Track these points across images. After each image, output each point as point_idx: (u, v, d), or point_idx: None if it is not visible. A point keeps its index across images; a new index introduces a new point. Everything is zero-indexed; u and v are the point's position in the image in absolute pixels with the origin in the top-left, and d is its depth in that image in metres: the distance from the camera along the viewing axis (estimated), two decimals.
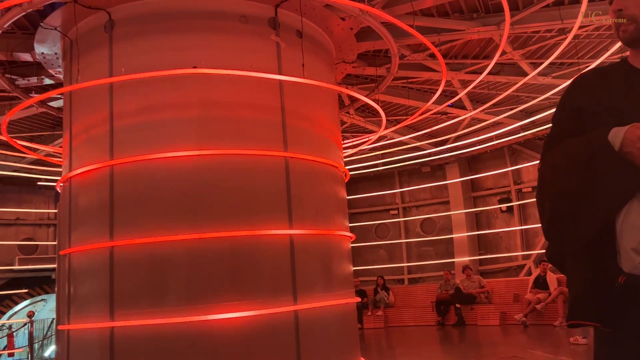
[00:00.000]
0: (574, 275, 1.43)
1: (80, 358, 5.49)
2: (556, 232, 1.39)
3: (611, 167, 1.26)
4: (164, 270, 5.16)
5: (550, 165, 1.41)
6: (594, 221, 1.31)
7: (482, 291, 11.61)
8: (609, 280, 1.30)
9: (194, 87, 5.43)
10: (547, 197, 1.39)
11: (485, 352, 8.36)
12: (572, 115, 1.47)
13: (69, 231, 5.76)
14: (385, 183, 14.65)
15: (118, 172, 5.37)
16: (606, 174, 1.27)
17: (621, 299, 1.29)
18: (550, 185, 1.39)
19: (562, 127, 1.50)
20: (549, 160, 1.42)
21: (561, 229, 1.37)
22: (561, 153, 1.39)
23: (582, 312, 1.38)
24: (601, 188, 1.28)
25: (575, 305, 1.41)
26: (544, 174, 1.43)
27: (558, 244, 1.44)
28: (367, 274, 13.79)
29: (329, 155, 6.19)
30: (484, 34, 7.26)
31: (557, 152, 1.40)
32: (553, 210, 1.37)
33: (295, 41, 5.98)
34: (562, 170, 1.36)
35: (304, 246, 5.56)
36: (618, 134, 1.27)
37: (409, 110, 10.19)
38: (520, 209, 12.76)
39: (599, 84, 1.47)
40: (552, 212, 1.37)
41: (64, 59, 6.35)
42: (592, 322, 1.36)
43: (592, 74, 1.55)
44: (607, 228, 1.31)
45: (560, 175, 1.36)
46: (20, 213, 13.24)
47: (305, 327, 5.35)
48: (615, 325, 1.32)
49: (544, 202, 1.40)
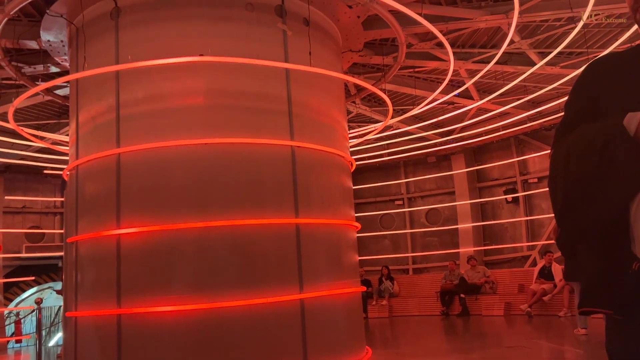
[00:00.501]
0: (586, 263, 1.41)
1: (87, 345, 5.54)
2: (569, 219, 1.38)
3: (626, 152, 1.24)
4: (171, 258, 5.17)
5: (563, 151, 1.38)
6: (608, 208, 1.30)
7: (487, 281, 11.61)
8: (622, 268, 1.29)
9: (200, 75, 5.42)
10: (560, 184, 1.37)
11: (490, 341, 8.38)
12: (585, 102, 1.46)
13: (75, 219, 5.78)
14: (390, 173, 14.62)
15: (125, 161, 5.37)
16: (621, 160, 1.25)
17: (634, 287, 1.27)
18: (563, 172, 1.37)
19: (575, 114, 1.48)
20: (563, 146, 1.40)
21: (574, 215, 1.35)
22: (575, 139, 1.36)
23: (594, 300, 1.37)
24: (615, 174, 1.27)
25: (587, 293, 1.40)
26: (556, 161, 1.41)
27: (570, 231, 1.42)
28: (372, 264, 13.81)
29: (335, 145, 6.18)
30: (492, 22, 7.19)
31: (571, 138, 1.38)
32: (566, 197, 1.35)
33: (302, 29, 5.95)
34: (575, 156, 1.34)
35: (310, 235, 5.57)
36: (633, 118, 1.25)
37: (415, 100, 10.14)
38: (525, 199, 12.71)
39: (613, 69, 1.45)
40: (565, 199, 1.35)
41: (70, 47, 6.34)
42: (604, 309, 1.35)
43: (607, 59, 1.53)
44: (621, 215, 1.29)
45: (574, 161, 1.34)
46: (26, 201, 13.30)
47: (311, 316, 5.36)
48: (627, 313, 1.30)
49: (557, 189, 1.38)
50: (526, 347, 7.19)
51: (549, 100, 10.36)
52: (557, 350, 7.05)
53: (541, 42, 8.31)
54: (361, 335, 6.30)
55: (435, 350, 7.80)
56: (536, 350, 7.07)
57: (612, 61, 1.50)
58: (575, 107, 1.50)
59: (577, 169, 1.33)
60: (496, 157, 13.17)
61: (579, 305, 1.43)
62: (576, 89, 1.52)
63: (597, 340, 7.04)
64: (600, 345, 5.06)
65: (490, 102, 10.09)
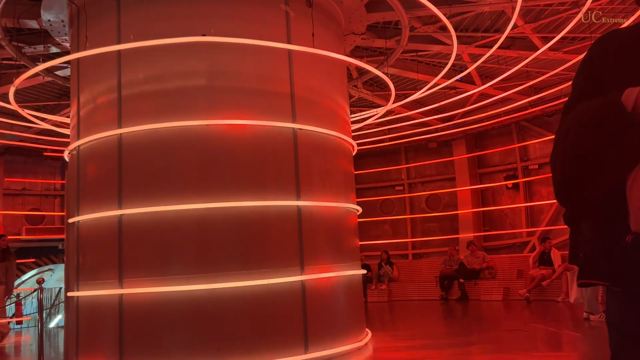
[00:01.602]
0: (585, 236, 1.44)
1: (89, 324, 5.58)
2: (567, 195, 1.40)
3: (623, 127, 1.26)
4: (172, 239, 5.19)
5: (563, 128, 1.40)
6: (604, 182, 1.32)
7: (486, 267, 11.67)
8: (618, 241, 1.32)
9: (202, 55, 5.39)
10: (559, 159, 1.39)
11: (488, 325, 8.44)
12: (590, 79, 1.46)
13: (77, 200, 5.79)
14: (390, 159, 14.61)
15: (126, 141, 5.36)
16: (618, 135, 1.27)
17: (630, 258, 1.30)
18: (562, 148, 1.38)
19: (580, 91, 1.48)
20: (563, 124, 1.41)
21: (571, 190, 1.38)
22: (574, 116, 1.38)
23: (592, 272, 1.40)
24: (612, 149, 1.28)
25: (586, 265, 1.42)
26: (557, 138, 1.43)
27: (568, 207, 1.45)
28: (372, 248, 13.85)
29: (337, 128, 6.16)
30: (496, 6, 7.14)
31: (571, 115, 1.40)
32: (564, 172, 1.37)
33: (305, 11, 5.90)
34: (573, 132, 1.35)
35: (311, 218, 5.58)
36: (631, 94, 1.26)
37: (417, 85, 10.10)
38: (526, 185, 12.72)
39: (617, 46, 1.45)
40: (563, 175, 1.37)
41: (71, 27, 6.29)
42: (602, 281, 1.37)
43: (611, 36, 1.53)
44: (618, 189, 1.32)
45: (572, 137, 1.35)
46: (26, 183, 13.30)
47: (312, 298, 5.40)
48: (624, 285, 1.32)
49: (556, 165, 1.40)
50: (524, 330, 7.25)
51: (551, 86, 10.32)
52: (555, 334, 7.11)
53: (545, 26, 8.26)
54: (361, 318, 6.35)
55: (434, 333, 7.86)
56: (534, 334, 7.13)
57: (616, 38, 1.50)
58: (580, 84, 1.51)
59: (574, 145, 1.35)
60: (497, 143, 13.16)
61: (578, 277, 1.45)
62: (582, 65, 1.53)
63: (597, 324, 7.10)
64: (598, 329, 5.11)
65: (492, 87, 10.05)
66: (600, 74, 1.43)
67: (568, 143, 1.36)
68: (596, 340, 6.35)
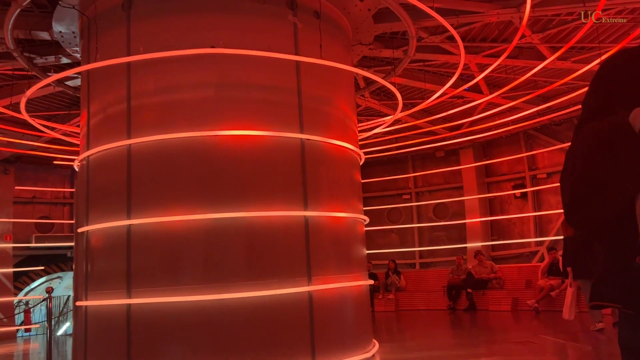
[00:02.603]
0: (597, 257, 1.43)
1: (97, 334, 5.60)
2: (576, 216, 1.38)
3: (631, 148, 1.25)
4: (181, 249, 5.21)
5: (572, 149, 1.40)
6: (613, 203, 1.31)
7: (494, 277, 11.59)
8: (629, 261, 1.30)
9: (211, 67, 5.43)
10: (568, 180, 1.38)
11: (497, 337, 8.39)
12: (601, 98, 1.46)
13: (86, 209, 5.83)
14: (398, 167, 14.60)
15: (135, 152, 5.40)
16: (626, 156, 1.26)
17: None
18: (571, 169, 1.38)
19: (591, 111, 1.47)
20: (573, 144, 1.41)
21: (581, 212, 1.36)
22: (582, 137, 1.37)
23: (603, 294, 1.39)
24: (621, 170, 1.27)
25: (598, 287, 1.41)
26: (566, 158, 1.42)
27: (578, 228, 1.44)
28: (379, 257, 13.82)
29: (344, 138, 6.18)
30: (504, 16, 7.14)
31: (579, 136, 1.39)
32: (573, 194, 1.36)
33: (313, 22, 5.94)
34: (581, 153, 1.35)
35: (318, 228, 5.59)
36: (638, 114, 1.25)
37: (424, 94, 10.11)
38: (534, 195, 12.67)
39: (626, 65, 1.45)
40: (572, 196, 1.36)
41: (82, 38, 6.37)
42: (613, 303, 1.36)
43: (621, 55, 1.53)
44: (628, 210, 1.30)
45: (580, 158, 1.35)
46: (36, 191, 13.41)
47: (319, 308, 5.39)
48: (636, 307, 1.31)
49: (565, 186, 1.40)
50: (534, 342, 7.19)
51: (559, 95, 10.29)
52: (565, 346, 7.05)
53: (553, 36, 8.25)
54: (369, 328, 6.33)
55: (442, 344, 7.81)
56: (543, 345, 7.07)
57: (625, 58, 1.50)
58: (590, 104, 1.50)
59: (582, 166, 1.34)
60: (505, 152, 13.12)
61: (590, 299, 1.44)
62: (592, 87, 1.53)
63: (606, 336, 7.03)
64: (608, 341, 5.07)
65: (500, 96, 10.04)
66: (609, 95, 1.43)
67: (577, 164, 1.36)
68: (606, 353, 6.29)
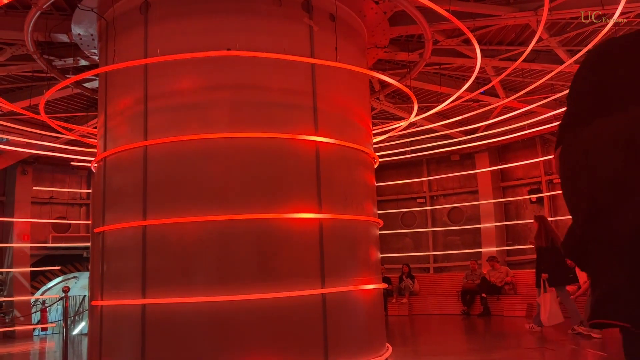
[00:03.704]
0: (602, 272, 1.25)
1: (112, 333, 5.64)
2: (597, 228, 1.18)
3: None
4: (195, 251, 5.23)
5: (581, 151, 1.22)
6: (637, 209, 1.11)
7: (507, 281, 11.47)
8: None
9: (227, 69, 5.46)
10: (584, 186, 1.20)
11: (511, 342, 8.30)
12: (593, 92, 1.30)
13: (102, 210, 5.88)
14: (412, 171, 14.55)
15: (152, 153, 5.45)
16: None
17: None
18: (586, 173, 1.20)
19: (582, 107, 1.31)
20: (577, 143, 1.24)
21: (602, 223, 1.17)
22: (593, 135, 1.20)
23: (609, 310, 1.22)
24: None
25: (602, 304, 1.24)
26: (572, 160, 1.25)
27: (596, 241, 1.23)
28: (393, 261, 13.77)
29: (359, 141, 6.17)
30: (521, 19, 7.10)
31: (586, 134, 1.22)
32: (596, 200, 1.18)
33: (328, 25, 5.95)
34: (597, 154, 1.18)
35: (332, 231, 5.58)
36: None
37: (440, 97, 10.06)
38: (550, 200, 12.54)
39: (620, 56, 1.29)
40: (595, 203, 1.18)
41: (100, 40, 6.45)
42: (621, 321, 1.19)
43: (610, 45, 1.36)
44: None
45: (596, 160, 1.18)
46: (53, 192, 13.58)
47: (332, 311, 5.38)
48: None
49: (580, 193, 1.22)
50: (549, 348, 7.10)
51: None
52: (580, 353, 6.95)
53: (570, 39, 8.17)
54: (382, 332, 6.30)
55: (456, 349, 7.75)
56: (559, 352, 6.98)
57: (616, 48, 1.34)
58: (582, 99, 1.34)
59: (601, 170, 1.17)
60: (521, 157, 13.00)
61: (591, 316, 1.27)
62: (579, 79, 1.37)
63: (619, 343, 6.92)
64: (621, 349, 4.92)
65: (517, 100, 9.96)
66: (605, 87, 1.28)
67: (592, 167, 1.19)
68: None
